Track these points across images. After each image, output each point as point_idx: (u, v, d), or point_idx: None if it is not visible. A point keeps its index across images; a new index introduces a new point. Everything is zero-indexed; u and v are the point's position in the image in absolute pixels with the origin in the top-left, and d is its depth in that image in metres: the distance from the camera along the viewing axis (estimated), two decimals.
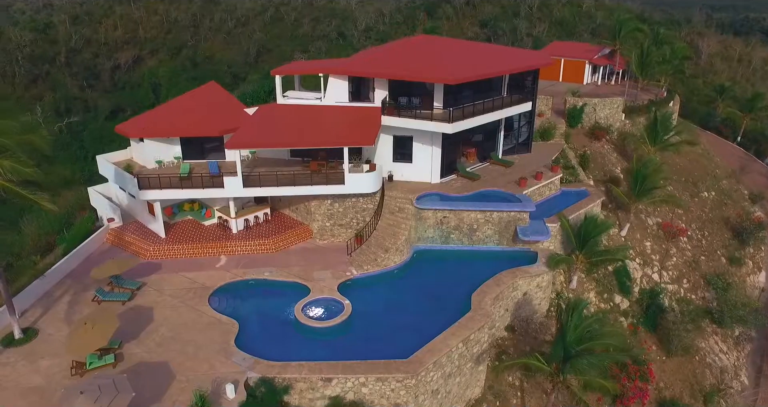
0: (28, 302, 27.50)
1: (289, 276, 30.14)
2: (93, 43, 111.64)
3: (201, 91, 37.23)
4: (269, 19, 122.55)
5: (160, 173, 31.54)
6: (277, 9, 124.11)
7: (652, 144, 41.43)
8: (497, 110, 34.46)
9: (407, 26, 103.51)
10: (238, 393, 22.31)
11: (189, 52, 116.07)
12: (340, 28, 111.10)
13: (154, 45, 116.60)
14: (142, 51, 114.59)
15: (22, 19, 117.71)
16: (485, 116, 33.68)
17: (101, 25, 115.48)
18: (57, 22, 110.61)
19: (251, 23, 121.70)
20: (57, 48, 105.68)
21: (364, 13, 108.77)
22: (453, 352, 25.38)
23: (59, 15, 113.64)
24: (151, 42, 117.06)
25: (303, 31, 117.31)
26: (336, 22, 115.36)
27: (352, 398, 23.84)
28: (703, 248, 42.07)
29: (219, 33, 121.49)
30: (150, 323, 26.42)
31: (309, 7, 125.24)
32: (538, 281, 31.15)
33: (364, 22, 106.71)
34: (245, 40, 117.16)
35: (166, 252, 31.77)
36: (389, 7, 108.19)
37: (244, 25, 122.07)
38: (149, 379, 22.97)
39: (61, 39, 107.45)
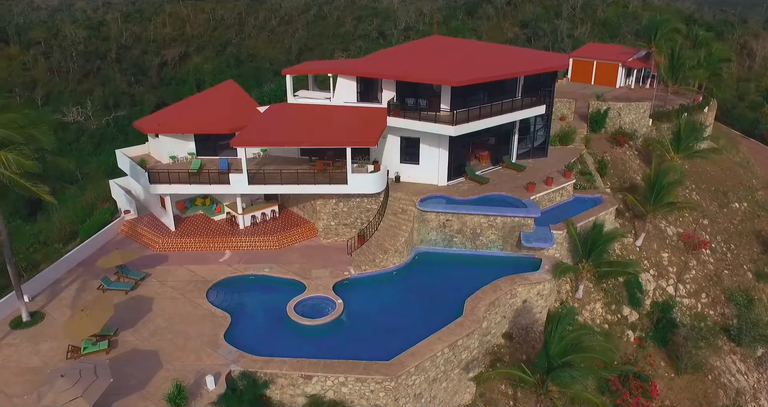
0: (40, 287, 28.97)
1: (287, 273, 30.63)
2: (142, 40, 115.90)
3: (218, 90, 38.26)
4: (312, 18, 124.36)
5: (171, 168, 32.60)
6: (321, 8, 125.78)
7: (676, 151, 39.86)
8: (506, 113, 33.91)
9: (447, 26, 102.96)
10: (219, 385, 22.90)
11: (233, 49, 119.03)
12: (381, 27, 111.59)
13: (200, 42, 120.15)
14: (189, 48, 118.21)
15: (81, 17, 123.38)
16: (492, 119, 33.24)
17: (151, 22, 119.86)
18: (110, 20, 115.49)
19: (294, 22, 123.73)
20: (108, 45, 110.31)
21: (405, 13, 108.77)
22: (438, 357, 25.23)
23: (113, 13, 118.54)
24: (198, 39, 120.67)
25: (345, 30, 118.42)
26: (378, 22, 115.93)
27: (332, 397, 24.07)
28: (728, 262, 40.19)
29: (263, 31, 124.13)
30: (148, 313, 27.41)
31: (352, 5, 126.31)
32: (538, 289, 30.54)
33: (404, 22, 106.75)
34: (288, 38, 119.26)
35: (174, 245, 32.83)
36: (429, 7, 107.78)
37: (287, 24, 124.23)
38: (138, 367, 23.88)
39: (112, 36, 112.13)
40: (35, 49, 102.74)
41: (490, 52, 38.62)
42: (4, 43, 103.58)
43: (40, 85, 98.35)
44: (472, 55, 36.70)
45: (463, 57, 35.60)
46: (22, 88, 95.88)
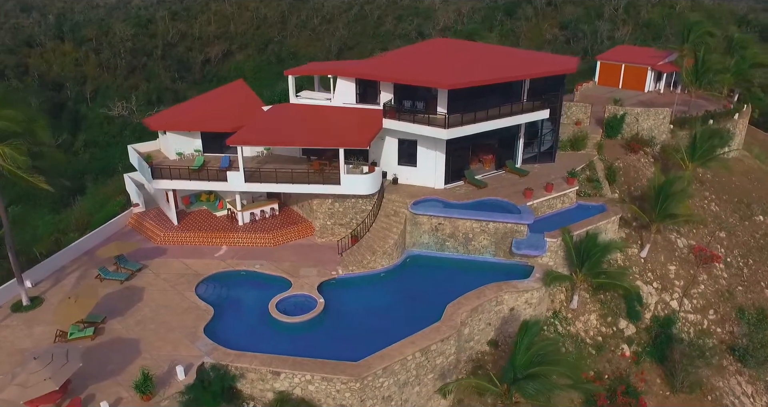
0: (44, 274, 30.66)
1: (277, 270, 31.30)
2: (187, 37, 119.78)
3: (227, 89, 39.38)
4: (353, 17, 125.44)
5: (173, 165, 33.84)
6: (362, 7, 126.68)
7: (691, 160, 38.34)
8: (505, 118, 33.49)
9: (484, 26, 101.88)
10: (189, 375, 23.73)
11: (275, 47, 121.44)
12: (420, 27, 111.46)
13: (243, 40, 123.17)
14: (232, 46, 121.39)
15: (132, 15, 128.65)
16: (489, 123, 32.90)
17: (197, 20, 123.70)
18: (158, 18, 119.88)
19: (336, 21, 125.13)
20: (155, 42, 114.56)
21: (444, 12, 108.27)
22: (409, 361, 25.31)
23: (161, 11, 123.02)
24: (241, 37, 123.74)
25: (385, 30, 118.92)
26: (418, 21, 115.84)
27: (300, 394, 24.54)
28: (744, 278, 38.36)
29: (305, 30, 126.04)
30: (137, 303, 28.62)
31: (393, 5, 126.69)
32: (526, 298, 30.10)
33: (442, 22, 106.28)
34: (329, 37, 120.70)
35: (174, 239, 34.06)
36: (467, 7, 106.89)
37: (329, 23, 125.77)
38: (118, 354, 25.02)
39: (159, 34, 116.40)
40: (87, 46, 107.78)
41: (494, 55, 38.17)
42: (59, 40, 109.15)
43: (90, 81, 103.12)
44: (474, 58, 36.37)
45: (464, 60, 35.35)
46: (73, 83, 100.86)
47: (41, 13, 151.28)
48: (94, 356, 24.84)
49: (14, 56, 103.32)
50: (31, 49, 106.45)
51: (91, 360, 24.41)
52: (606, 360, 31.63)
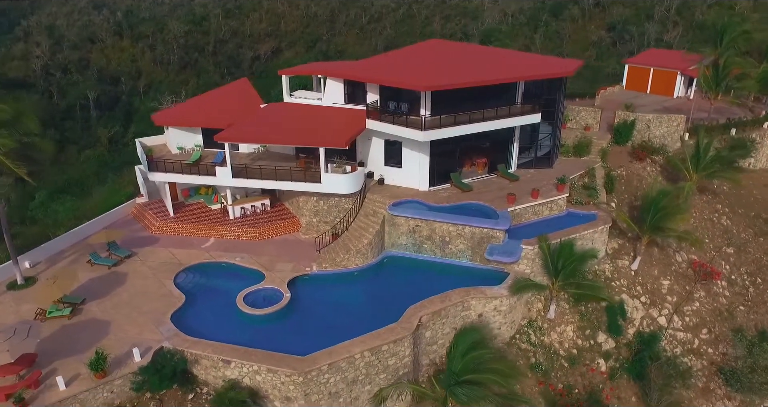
0: (43, 256, 33.06)
1: (254, 264, 32.44)
2: (239, 34, 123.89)
3: (231, 87, 41.03)
4: (401, 17, 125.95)
5: (167, 158, 35.64)
6: (410, 6, 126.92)
7: (695, 170, 36.64)
8: (490, 121, 33.21)
9: (529, 27, 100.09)
10: (146, 358, 25.16)
11: (323, 45, 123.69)
12: (465, 27, 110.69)
13: (292, 38, 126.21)
14: (281, 43, 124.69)
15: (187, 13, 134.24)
16: (471, 126, 32.77)
17: (248, 18, 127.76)
18: (212, 16, 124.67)
19: (383, 20, 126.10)
20: (207, 39, 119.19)
21: (489, 13, 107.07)
22: (357, 359, 25.76)
23: (215, 9, 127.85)
24: (291, 35, 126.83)
25: (431, 30, 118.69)
26: (465, 21, 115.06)
27: (249, 384, 25.50)
28: (748, 298, 36.31)
29: (353, 28, 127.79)
30: (118, 287, 30.46)
31: (441, 5, 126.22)
32: (495, 304, 29.85)
33: (487, 22, 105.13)
34: (376, 36, 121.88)
35: (167, 229, 35.87)
36: (512, 8, 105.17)
37: (377, 22, 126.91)
38: (89, 334, 26.80)
39: (212, 31, 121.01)
40: (143, 43, 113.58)
41: (486, 57, 37.80)
42: (118, 37, 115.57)
43: (144, 75, 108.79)
44: (464, 60, 36.18)
45: (454, 62, 35.22)
46: (128, 77, 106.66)
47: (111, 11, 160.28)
48: (67, 334, 26.73)
49: (78, 51, 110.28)
50: (93, 45, 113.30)
51: (62, 338, 26.35)
52: (579, 374, 30.91)
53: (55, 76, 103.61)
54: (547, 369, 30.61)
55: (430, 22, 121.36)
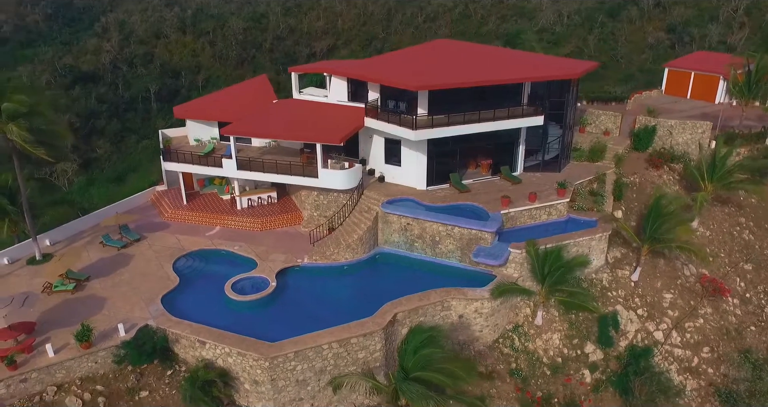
0: (63, 235, 35.91)
1: (250, 253, 33.93)
2: (296, 32, 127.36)
3: (249, 83, 42.91)
4: (457, 16, 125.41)
5: (180, 149, 37.79)
6: (467, 6, 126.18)
7: (710, 180, 35.01)
8: (486, 122, 33.15)
9: (584, 29, 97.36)
10: (129, 333, 27.10)
11: (378, 44, 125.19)
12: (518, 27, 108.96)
13: (348, 36, 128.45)
14: (338, 41, 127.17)
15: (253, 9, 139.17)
16: (466, 127, 32.83)
17: (306, 16, 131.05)
18: (271, 14, 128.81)
19: (439, 19, 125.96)
20: (265, 36, 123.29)
21: (543, 14, 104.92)
22: (324, 349, 26.62)
23: (275, 7, 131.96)
24: (347, 33, 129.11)
25: (487, 29, 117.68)
26: (522, 22, 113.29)
27: (222, 365, 26.94)
28: (762, 318, 34.32)
29: (408, 27, 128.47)
30: (122, 268, 32.75)
31: (498, 5, 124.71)
32: (476, 306, 29.93)
33: (540, 23, 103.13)
34: (431, 35, 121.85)
35: (179, 216, 38.04)
36: (568, 8, 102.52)
37: (432, 21, 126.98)
38: (86, 308, 29.11)
39: (270, 28, 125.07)
40: (204, 38, 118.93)
41: (492, 58, 37.52)
42: (181, 32, 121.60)
43: (203, 70, 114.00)
44: (468, 60, 36.16)
45: (456, 62, 35.34)
46: (188, 71, 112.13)
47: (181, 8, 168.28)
48: (67, 307, 29.15)
49: (144, 46, 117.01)
50: (158, 40, 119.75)
51: (62, 311, 28.78)
52: (561, 383, 30.44)
53: (122, 69, 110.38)
54: (527, 375, 30.35)
55: (486, 21, 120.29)
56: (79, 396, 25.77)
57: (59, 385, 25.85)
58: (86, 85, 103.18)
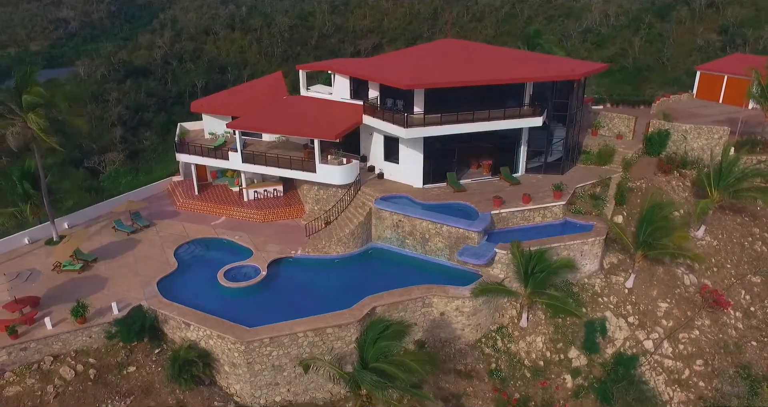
0: (81, 220, 38.56)
1: (248, 243, 35.50)
2: (342, 30, 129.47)
3: (263, 80, 44.52)
4: (503, 16, 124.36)
5: (192, 142, 39.81)
6: (513, 5, 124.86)
7: (716, 187, 33.99)
8: (480, 122, 33.43)
9: (630, 29, 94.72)
10: (122, 312, 29.08)
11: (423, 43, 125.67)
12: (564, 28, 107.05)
13: (393, 34, 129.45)
14: (383, 39, 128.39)
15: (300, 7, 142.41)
16: (459, 127, 33.27)
17: (353, 14, 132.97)
18: (318, 12, 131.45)
19: (485, 19, 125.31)
20: (311, 33, 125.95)
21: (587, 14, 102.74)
22: (300, 337, 27.78)
23: (322, 5, 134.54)
24: (392, 32, 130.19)
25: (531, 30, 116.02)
26: (568, 22, 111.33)
27: (204, 346, 28.53)
28: (766, 333, 33.10)
29: (454, 27, 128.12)
30: (128, 251, 34.98)
31: (546, 4, 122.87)
32: (457, 305, 30.39)
33: (585, 24, 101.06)
34: (476, 35, 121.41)
35: (189, 205, 40.09)
36: (623, 8, 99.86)
37: (478, 21, 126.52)
38: (88, 287, 31.37)
39: (316, 26, 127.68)
40: (251, 35, 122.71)
41: (494, 58, 37.55)
42: (230, 29, 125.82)
43: (249, 66, 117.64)
44: (469, 60, 36.40)
45: (456, 61, 35.68)
46: (234, 67, 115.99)
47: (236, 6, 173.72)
48: (72, 285, 31.50)
49: (193, 42, 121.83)
50: (208, 37, 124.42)
51: (67, 288, 31.14)
52: (541, 387, 30.43)
53: (172, 64, 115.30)
54: (507, 376, 30.53)
55: (532, 21, 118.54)
56: (73, 367, 27.89)
57: (56, 356, 28.06)
58: (137, 80, 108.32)
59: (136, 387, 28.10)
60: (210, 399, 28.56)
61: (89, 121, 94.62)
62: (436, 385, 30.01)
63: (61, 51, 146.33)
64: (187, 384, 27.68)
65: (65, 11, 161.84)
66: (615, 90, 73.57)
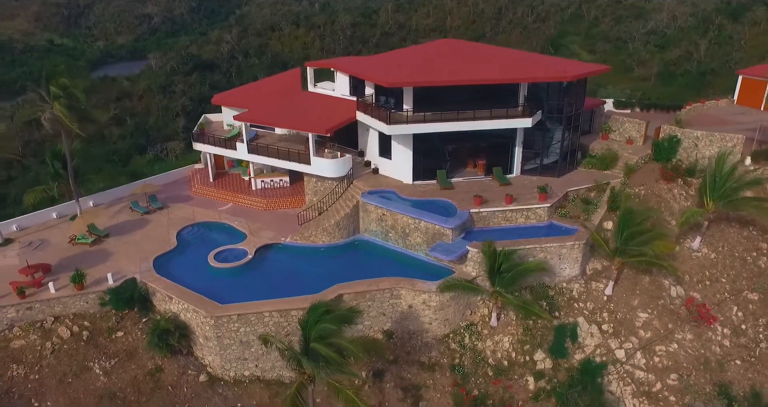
0: (105, 199, 42.76)
1: (245, 228, 38.20)
2: (404, 28, 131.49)
3: (283, 76, 47.14)
4: (568, 17, 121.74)
5: (208, 133, 43.04)
6: (580, 6, 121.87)
7: (711, 197, 32.95)
8: (465, 121, 34.26)
9: (698, 31, 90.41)
10: (116, 283, 32.46)
11: (485, 42, 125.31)
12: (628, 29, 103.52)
13: (456, 34, 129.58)
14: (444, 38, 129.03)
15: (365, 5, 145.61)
16: (443, 125, 34.26)
17: (416, 12, 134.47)
18: (381, 10, 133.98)
19: (550, 19, 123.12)
20: (373, 31, 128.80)
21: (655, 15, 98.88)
22: (266, 317, 30.05)
23: (387, 3, 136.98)
24: (455, 31, 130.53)
25: (598, 31, 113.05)
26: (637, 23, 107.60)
27: (183, 319, 31.38)
28: (754, 354, 31.62)
29: (517, 27, 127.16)
30: (138, 230, 38.64)
31: (615, 5, 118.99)
32: (424, 298, 31.56)
33: (650, 25, 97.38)
34: (539, 35, 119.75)
35: (202, 192, 43.44)
36: (684, 10, 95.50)
37: (542, 21, 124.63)
38: (95, 258, 35.18)
39: (379, 24, 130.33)
40: (314, 32, 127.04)
41: (488, 58, 37.97)
42: (295, 26, 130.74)
43: None
44: (463, 59, 37.11)
45: (450, 61, 36.56)
46: (295, 63, 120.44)
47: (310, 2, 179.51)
48: (82, 256, 35.41)
49: (259, 38, 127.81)
50: (273, 33, 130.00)
51: (77, 258, 35.04)
52: (502, 386, 31.00)
53: (238, 59, 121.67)
54: (469, 373, 31.35)
55: (598, 22, 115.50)
56: (69, 328, 31.58)
57: (56, 317, 31.89)
58: (203, 73, 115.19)
59: (121, 350, 31.42)
60: (185, 367, 31.42)
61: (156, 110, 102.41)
62: (398, 375, 31.40)
63: (144, 45, 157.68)
64: (163, 352, 30.65)
65: (150, 7, 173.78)
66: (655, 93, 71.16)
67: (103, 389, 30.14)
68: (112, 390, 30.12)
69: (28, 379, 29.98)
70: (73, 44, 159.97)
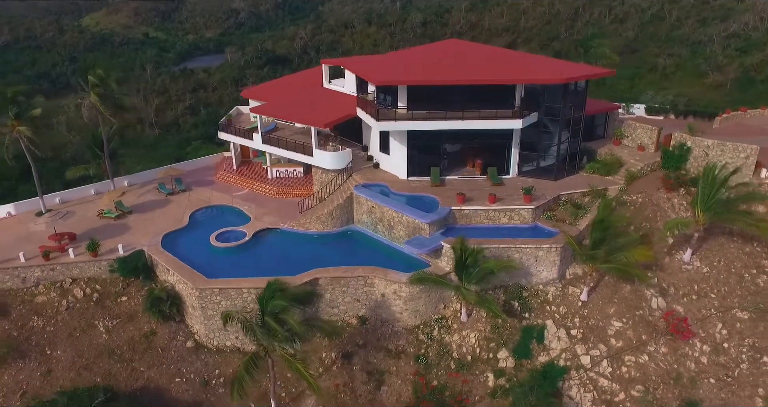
0: (139, 180, 47.63)
1: (252, 213, 41.46)
2: (476, 28, 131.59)
3: (308, 72, 50.11)
4: (648, 18, 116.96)
5: (233, 123, 46.73)
6: (662, 7, 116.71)
7: (701, 210, 32.15)
8: (453, 120, 35.45)
9: None
10: (126, 253, 36.65)
11: (558, 44, 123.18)
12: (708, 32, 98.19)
13: (529, 34, 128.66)
14: (518, 39, 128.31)
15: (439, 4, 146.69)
16: (430, 123, 35.74)
17: (490, 12, 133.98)
18: (454, 9, 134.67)
19: (628, 20, 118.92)
20: (444, 30, 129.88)
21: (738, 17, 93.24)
22: (245, 293, 33.08)
23: (460, 2, 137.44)
24: (528, 31, 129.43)
25: (680, 33, 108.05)
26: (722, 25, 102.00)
27: (177, 290, 34.96)
28: (732, 374, 30.62)
29: (593, 28, 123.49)
30: (159, 208, 43.00)
31: (701, 5, 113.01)
32: (395, 288, 33.35)
33: (732, 28, 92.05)
34: (616, 37, 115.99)
35: (225, 178, 47.33)
36: None
37: (620, 22, 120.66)
38: (115, 230, 39.83)
39: (450, 23, 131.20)
40: (385, 30, 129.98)
41: (489, 59, 38.66)
42: (367, 23, 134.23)
43: None
44: (464, 60, 38.16)
45: (450, 62, 37.76)
46: None
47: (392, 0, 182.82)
48: (105, 228, 40.21)
49: (332, 35, 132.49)
50: (346, 30, 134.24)
51: (100, 230, 39.79)
52: (461, 380, 32.10)
53: (309, 54, 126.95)
54: (432, 364, 32.73)
55: (681, 25, 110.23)
56: (83, 290, 36.14)
57: (74, 279, 36.60)
58: (275, 67, 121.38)
59: (124, 313, 35.59)
60: (176, 333, 35.09)
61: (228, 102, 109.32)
62: (365, 359, 33.36)
63: (229, 39, 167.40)
64: (155, 317, 34.46)
65: (237, 2, 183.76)
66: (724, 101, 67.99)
67: (104, 345, 34.35)
68: (111, 346, 34.28)
69: (44, 330, 34.68)
70: (166, 37, 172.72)
